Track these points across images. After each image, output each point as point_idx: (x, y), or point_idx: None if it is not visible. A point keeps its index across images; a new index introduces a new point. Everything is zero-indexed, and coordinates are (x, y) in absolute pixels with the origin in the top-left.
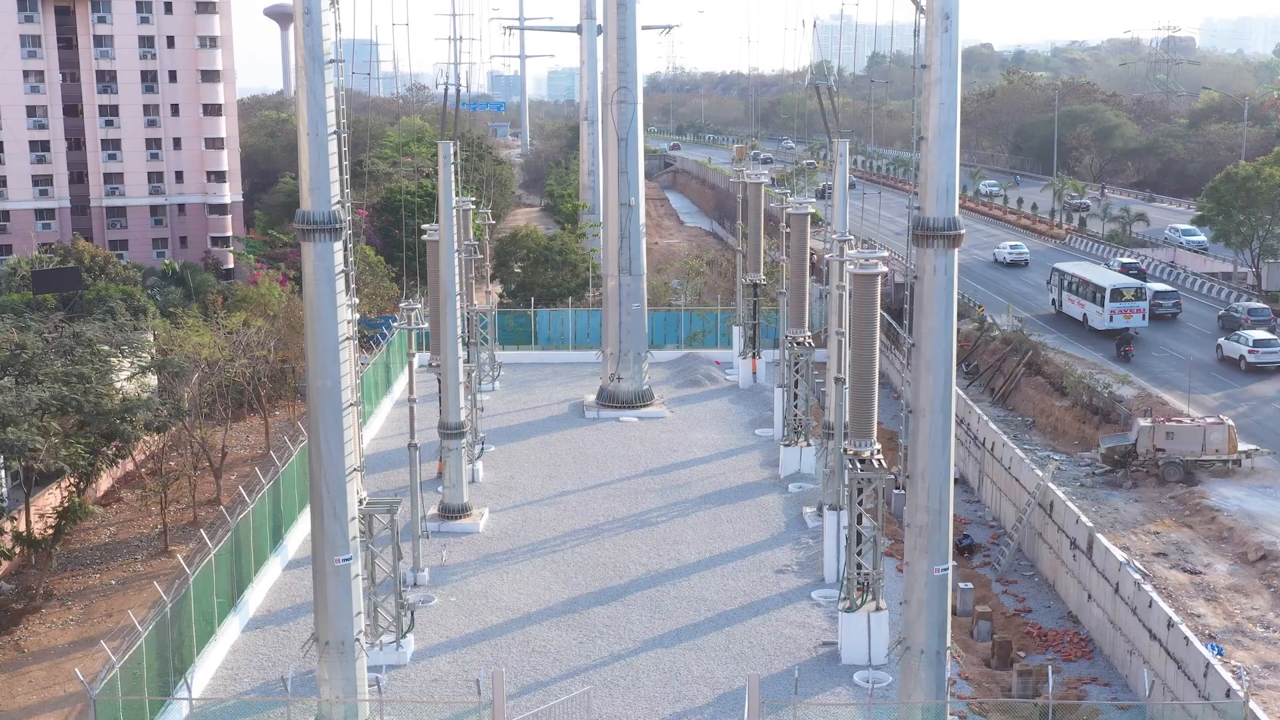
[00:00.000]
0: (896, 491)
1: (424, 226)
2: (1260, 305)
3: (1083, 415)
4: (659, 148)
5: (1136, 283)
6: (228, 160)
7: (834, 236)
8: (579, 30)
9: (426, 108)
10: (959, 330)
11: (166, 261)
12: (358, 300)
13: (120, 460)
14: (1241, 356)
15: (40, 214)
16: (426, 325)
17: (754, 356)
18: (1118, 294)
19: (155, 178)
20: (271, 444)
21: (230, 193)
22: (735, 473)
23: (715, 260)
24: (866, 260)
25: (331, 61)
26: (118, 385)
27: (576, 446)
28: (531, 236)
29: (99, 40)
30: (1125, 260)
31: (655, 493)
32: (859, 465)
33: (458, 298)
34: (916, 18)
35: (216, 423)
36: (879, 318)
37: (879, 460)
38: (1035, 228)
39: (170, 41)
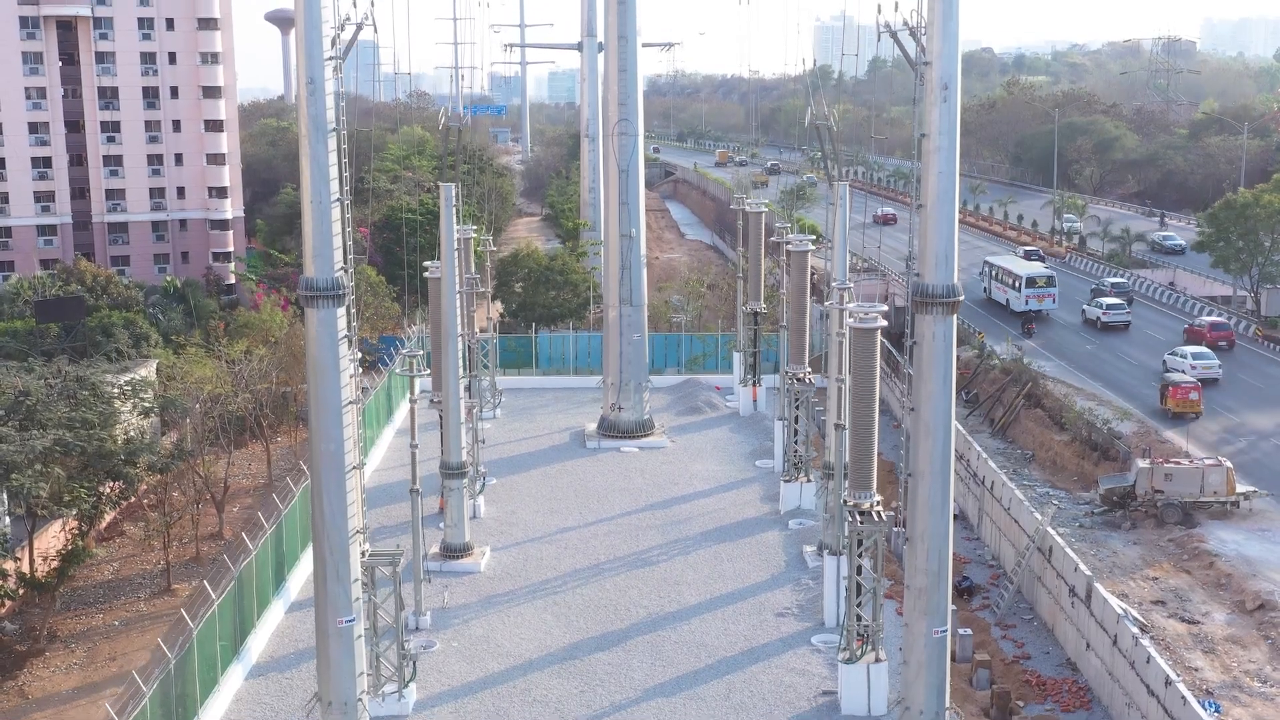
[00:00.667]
0: (896, 530)
1: (426, 264)
2: (1121, 280)
3: (1082, 450)
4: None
5: (1048, 272)
6: (229, 176)
7: (834, 284)
8: (579, 48)
9: (427, 115)
10: (959, 357)
11: (168, 279)
12: (359, 326)
13: (123, 501)
14: (1098, 318)
15: (42, 230)
16: (429, 367)
17: (754, 384)
18: (1032, 282)
19: (157, 193)
20: (273, 472)
21: (232, 208)
22: (735, 507)
23: (716, 284)
24: (866, 314)
25: (334, 130)
26: (121, 422)
27: (577, 479)
28: (532, 256)
29: (101, 57)
30: (1029, 248)
31: (656, 529)
32: (858, 517)
33: (459, 333)
34: (916, 85)
35: (220, 451)
36: (878, 372)
37: (878, 512)
38: (1034, 245)
39: (172, 58)
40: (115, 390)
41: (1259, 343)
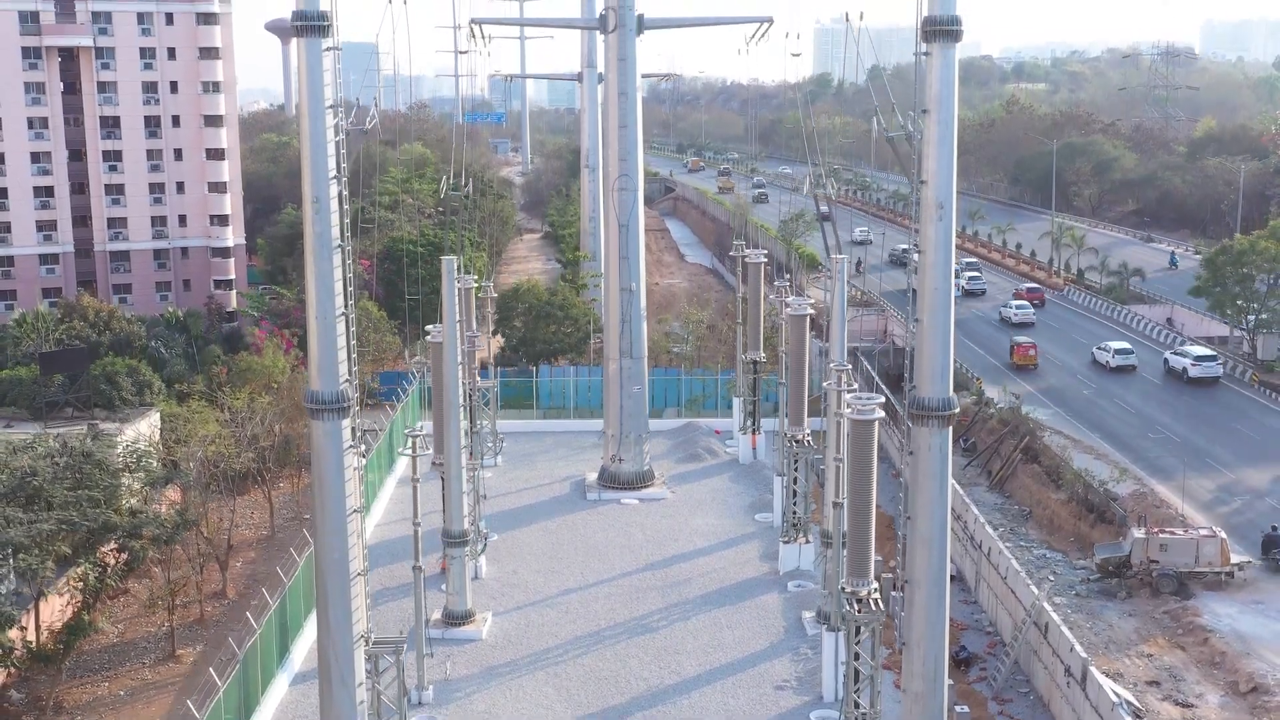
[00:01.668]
0: (895, 594)
1: (428, 328)
2: (1035, 285)
3: (1078, 511)
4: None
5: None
6: (230, 203)
7: (832, 365)
8: (579, 79)
9: (428, 126)
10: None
11: (170, 310)
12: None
13: (129, 571)
14: (1009, 319)
15: (44, 259)
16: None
17: (754, 432)
18: (958, 274)
19: (158, 222)
20: (275, 521)
21: (233, 236)
22: (735, 567)
23: (715, 325)
24: (865, 405)
25: (339, 247)
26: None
27: (578, 534)
28: (532, 291)
29: (102, 86)
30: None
31: (656, 591)
32: (856, 606)
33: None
34: (913, 209)
35: (222, 499)
36: (876, 462)
37: (875, 600)
38: (1034, 275)
39: (173, 87)
40: (120, 461)
41: (1255, 388)
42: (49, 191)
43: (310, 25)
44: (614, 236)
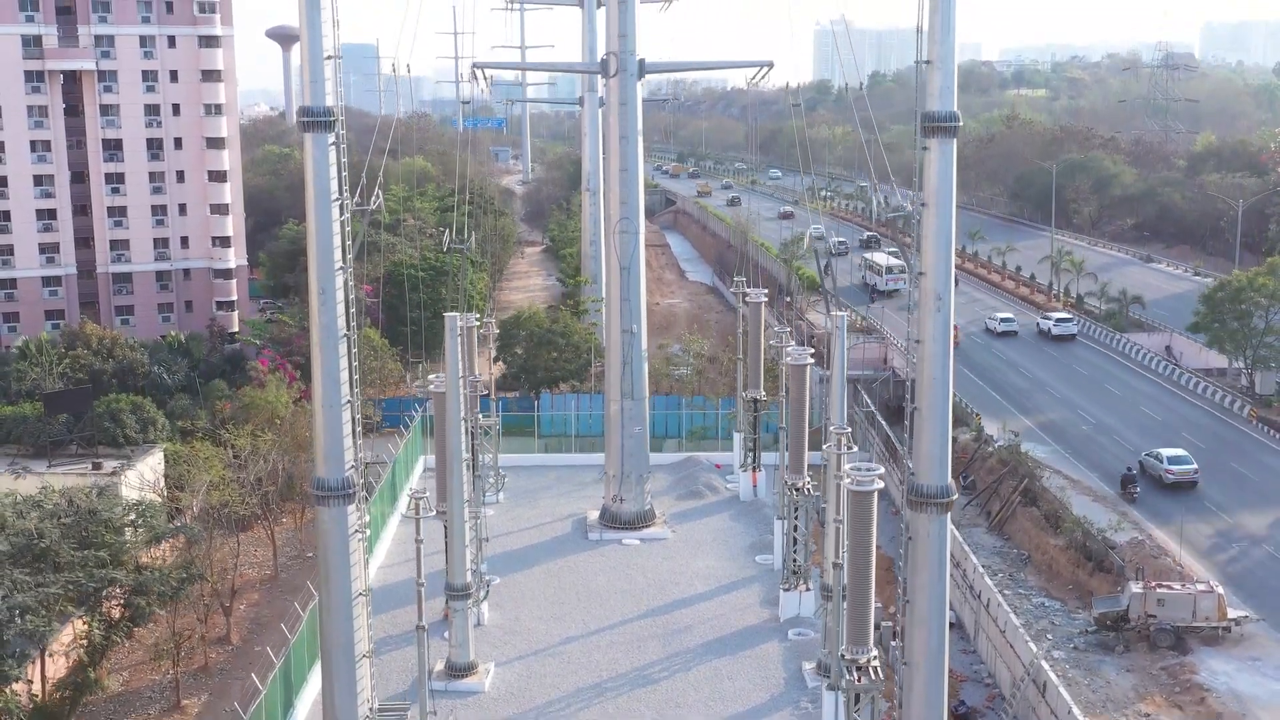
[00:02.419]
0: (894, 644)
1: (430, 377)
2: (900, 264)
3: (1077, 559)
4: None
5: (901, 263)
6: (232, 225)
7: (832, 427)
8: (580, 103)
9: (428, 136)
10: (956, 441)
11: (172, 334)
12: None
13: (133, 628)
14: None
15: (47, 281)
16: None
17: (754, 469)
18: (890, 270)
19: (161, 243)
20: (279, 559)
21: (235, 257)
22: (736, 613)
23: (716, 357)
24: (863, 478)
25: (344, 337)
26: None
27: (580, 578)
28: (533, 319)
29: (105, 109)
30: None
31: (657, 639)
32: (856, 674)
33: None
34: (910, 299)
35: (225, 536)
36: (875, 535)
37: (875, 669)
38: (1033, 299)
39: (175, 109)
40: (125, 518)
41: (1253, 424)
42: (51, 214)
43: (317, 121)
44: (615, 279)
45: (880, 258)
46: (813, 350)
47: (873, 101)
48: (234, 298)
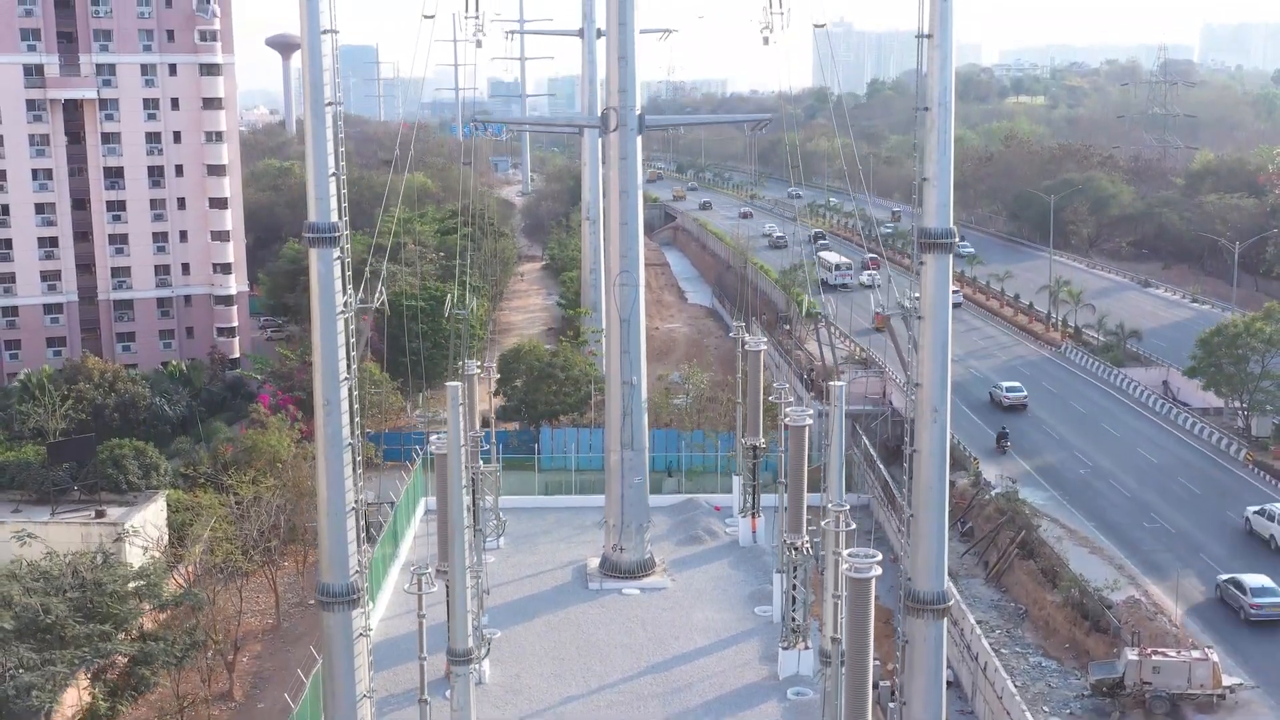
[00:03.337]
0: (891, 705)
1: (432, 439)
2: (848, 261)
3: (1074, 617)
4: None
5: (849, 261)
6: (233, 252)
7: (830, 505)
8: (580, 132)
9: (428, 147)
10: (954, 486)
11: (174, 363)
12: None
13: (137, 696)
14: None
15: (48, 308)
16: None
17: (754, 515)
18: (839, 267)
19: (162, 270)
20: (281, 606)
21: (236, 283)
22: (735, 669)
23: (715, 397)
24: (862, 564)
25: (349, 445)
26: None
27: (581, 631)
28: (533, 353)
29: (106, 137)
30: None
31: (657, 698)
32: None
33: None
34: (908, 410)
35: (227, 586)
36: (872, 620)
37: None
38: (1031, 328)
39: (177, 137)
40: (131, 588)
41: (1249, 468)
42: (53, 242)
43: (323, 237)
44: (615, 331)
45: (831, 256)
46: (811, 377)
47: (872, 110)
48: (235, 324)
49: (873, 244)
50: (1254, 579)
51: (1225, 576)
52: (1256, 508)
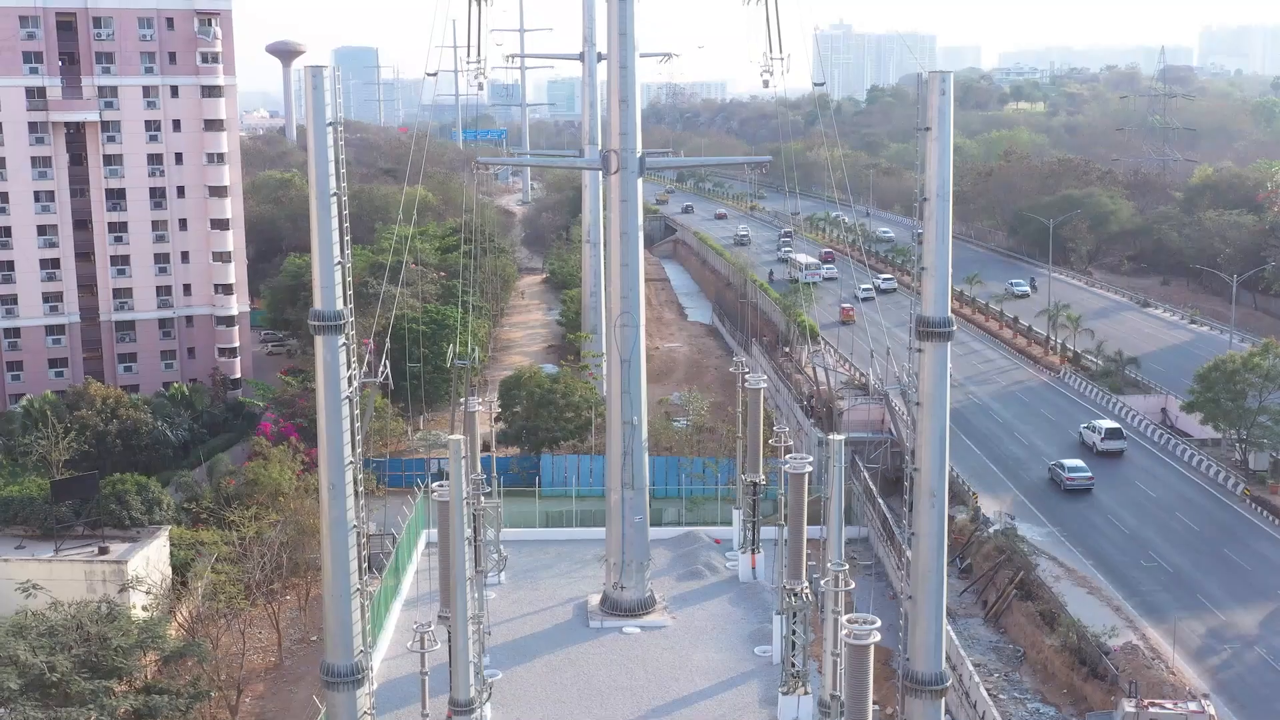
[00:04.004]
0: None
1: (433, 486)
2: (816, 261)
3: (1071, 662)
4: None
5: (817, 261)
6: (235, 273)
7: (830, 564)
8: (580, 155)
9: (428, 157)
10: (953, 522)
11: (175, 386)
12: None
13: None
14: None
15: (50, 330)
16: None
17: (753, 551)
18: (808, 266)
19: (163, 291)
20: (284, 642)
21: (237, 304)
22: (734, 714)
23: (715, 428)
24: (861, 631)
25: (354, 528)
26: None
27: (582, 673)
28: (534, 379)
29: (108, 159)
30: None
31: None
32: None
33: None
34: (907, 497)
35: (230, 626)
36: (871, 687)
37: None
38: (1030, 351)
39: (178, 158)
40: (135, 639)
41: (1246, 503)
42: (55, 264)
43: (328, 325)
44: (616, 372)
45: (800, 257)
46: (811, 404)
47: (871, 117)
48: (236, 344)
49: (873, 263)
50: (1071, 462)
51: (1053, 461)
52: (1086, 424)
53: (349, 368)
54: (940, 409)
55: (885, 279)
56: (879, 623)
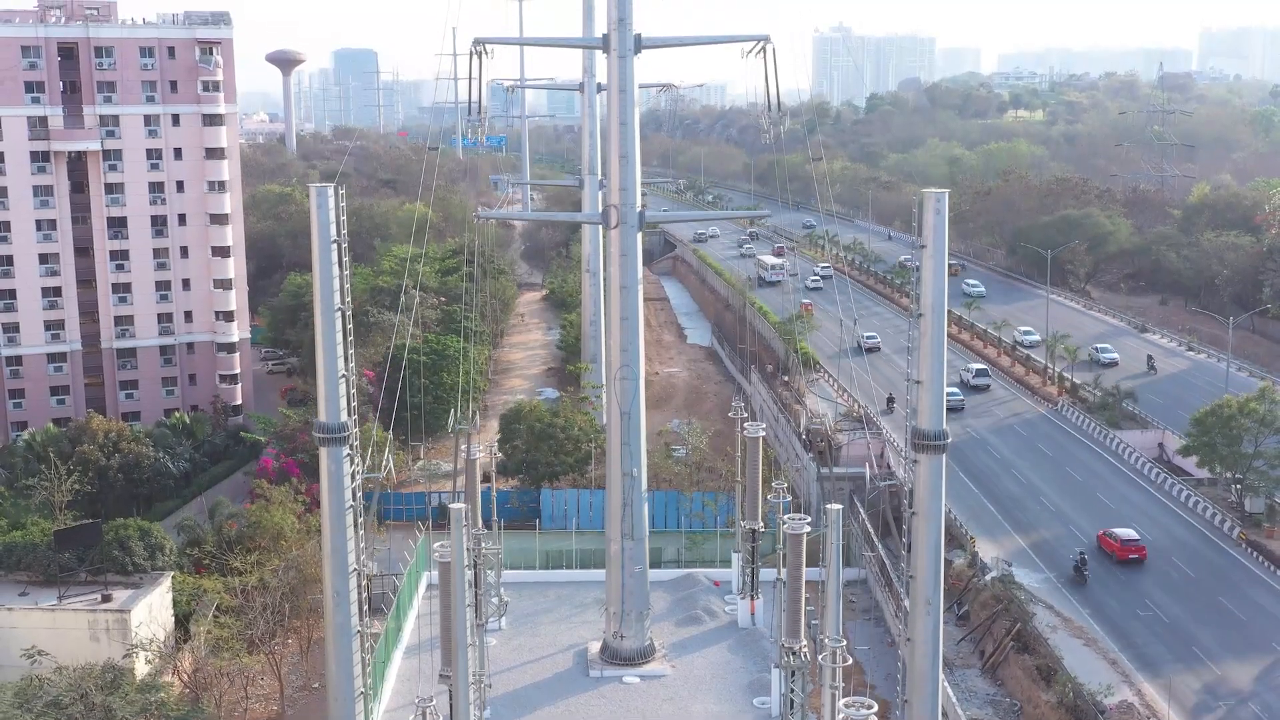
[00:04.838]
0: None
1: (435, 546)
2: (780, 262)
3: (1067, 719)
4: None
5: (782, 261)
6: (235, 300)
7: (828, 640)
8: (580, 184)
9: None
10: (950, 566)
11: (176, 415)
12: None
13: None
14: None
15: (52, 358)
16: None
17: (752, 597)
18: (774, 267)
19: (165, 318)
20: (285, 688)
21: (238, 330)
22: None
23: (714, 467)
24: (856, 716)
25: (359, 632)
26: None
27: None
28: (534, 413)
29: (110, 187)
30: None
31: None
32: None
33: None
34: (904, 590)
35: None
36: None
37: None
38: (1028, 380)
39: (180, 186)
40: (138, 704)
41: (1242, 547)
42: (56, 291)
43: (333, 437)
44: (616, 424)
45: (767, 258)
46: (809, 438)
47: (871, 125)
48: (237, 370)
49: (872, 282)
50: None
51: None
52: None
53: (352, 480)
54: (936, 519)
55: (823, 267)
56: (875, 707)
